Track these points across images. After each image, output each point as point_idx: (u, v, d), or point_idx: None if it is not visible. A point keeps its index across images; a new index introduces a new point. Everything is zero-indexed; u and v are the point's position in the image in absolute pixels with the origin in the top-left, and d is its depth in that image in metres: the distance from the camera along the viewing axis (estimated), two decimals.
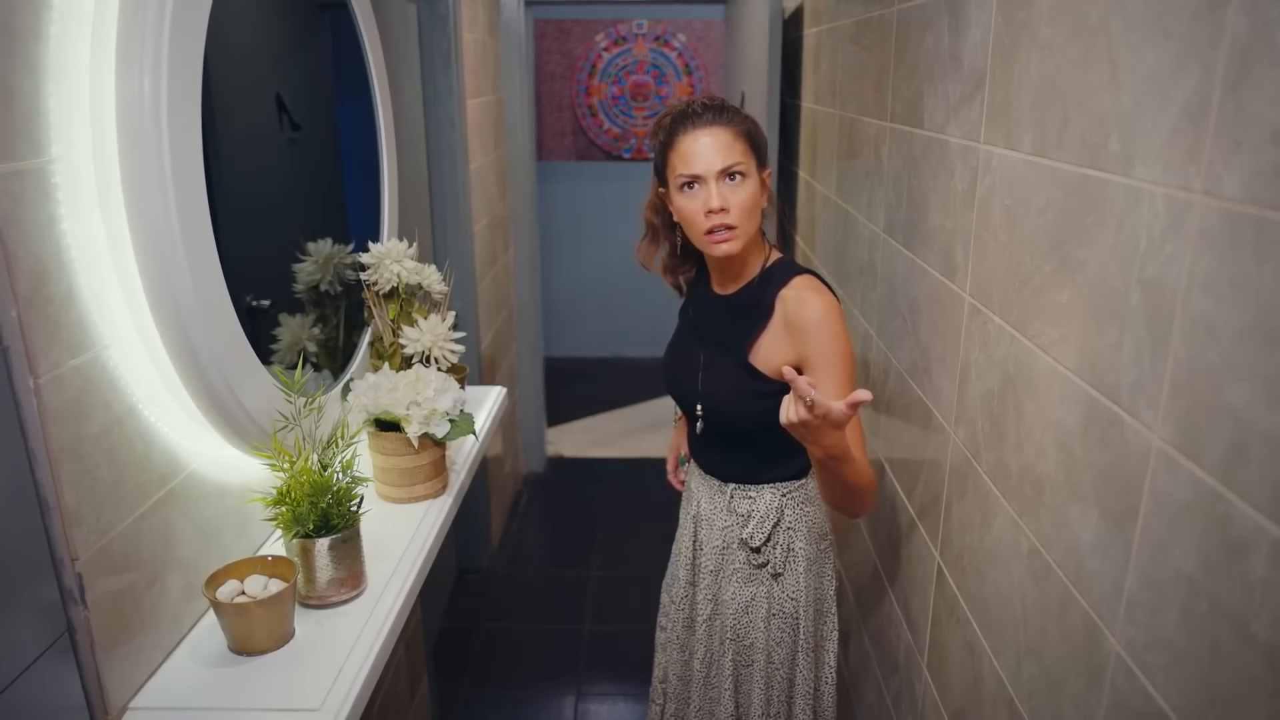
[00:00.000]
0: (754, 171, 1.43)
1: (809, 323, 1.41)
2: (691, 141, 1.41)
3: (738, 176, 1.40)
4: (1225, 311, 0.65)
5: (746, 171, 1.41)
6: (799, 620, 1.58)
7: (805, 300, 1.43)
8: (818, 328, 1.40)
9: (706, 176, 1.39)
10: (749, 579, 1.58)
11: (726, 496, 1.60)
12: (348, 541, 1.08)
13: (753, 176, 1.42)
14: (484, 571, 3.32)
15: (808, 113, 2.54)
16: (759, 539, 1.55)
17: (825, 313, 1.41)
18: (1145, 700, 0.76)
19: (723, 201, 1.39)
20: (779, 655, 1.59)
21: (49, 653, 0.82)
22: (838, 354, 1.40)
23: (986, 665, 1.14)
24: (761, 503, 1.56)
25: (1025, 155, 1.01)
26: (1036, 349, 0.98)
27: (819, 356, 1.40)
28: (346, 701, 0.93)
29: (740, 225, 1.41)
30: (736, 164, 1.40)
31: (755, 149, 1.44)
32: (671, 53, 5.17)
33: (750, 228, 1.44)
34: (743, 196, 1.40)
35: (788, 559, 1.57)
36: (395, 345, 1.42)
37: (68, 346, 0.84)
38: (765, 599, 1.58)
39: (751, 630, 1.59)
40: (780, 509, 1.56)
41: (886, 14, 1.64)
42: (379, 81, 1.53)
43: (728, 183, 1.40)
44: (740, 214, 1.40)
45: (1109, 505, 0.83)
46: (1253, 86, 0.62)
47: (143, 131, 0.87)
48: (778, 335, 1.46)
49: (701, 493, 1.65)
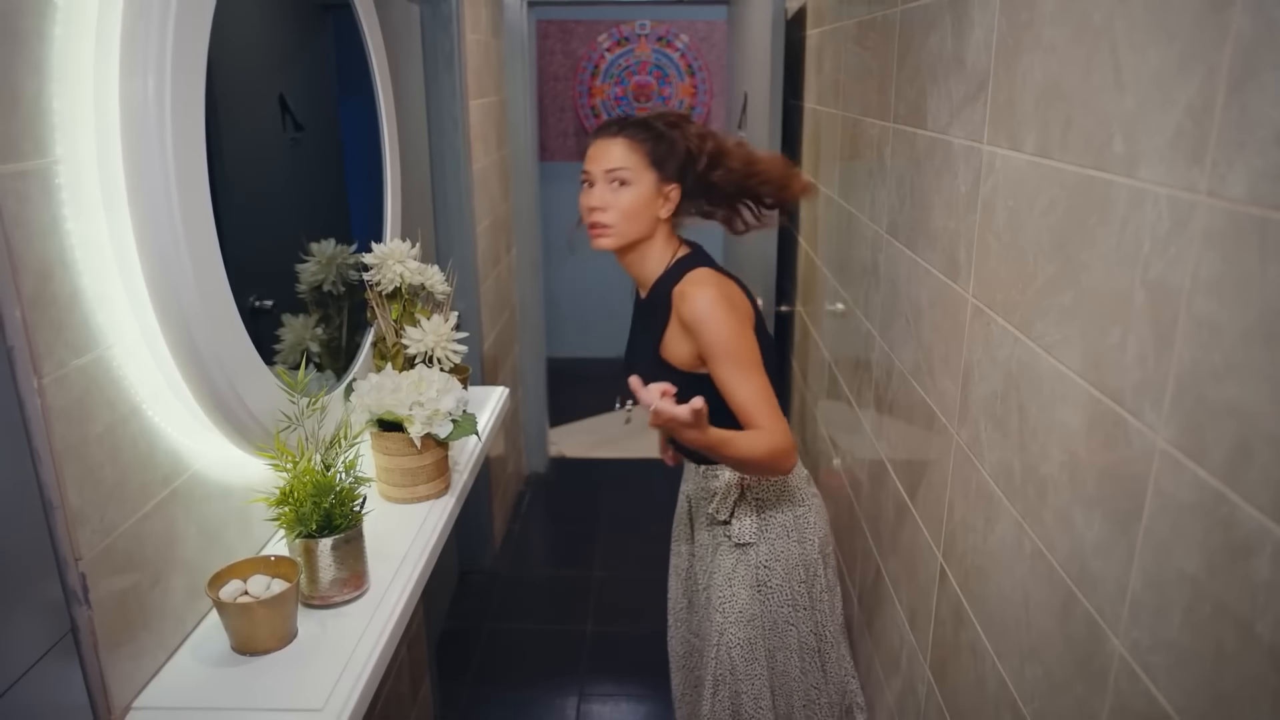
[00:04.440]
0: (644, 181, 1.57)
1: (692, 319, 1.53)
2: (593, 146, 1.60)
3: (619, 183, 1.56)
4: (1229, 312, 0.65)
5: (630, 179, 1.56)
6: (787, 584, 1.67)
7: (687, 295, 1.54)
8: (702, 322, 1.52)
9: (594, 175, 1.58)
10: (729, 550, 1.70)
11: (701, 476, 1.75)
12: (350, 542, 1.08)
13: (639, 185, 1.56)
14: (486, 572, 3.32)
15: (810, 113, 2.54)
16: (724, 514, 1.67)
17: (705, 307, 1.51)
18: (1148, 702, 0.75)
19: (601, 201, 1.56)
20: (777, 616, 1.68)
21: (52, 652, 0.82)
22: (724, 340, 1.51)
23: (989, 667, 1.13)
24: (721, 480, 1.68)
25: (1028, 156, 1.01)
26: (1040, 350, 0.98)
27: (709, 347, 1.52)
28: (349, 702, 0.93)
29: (615, 225, 1.57)
30: (619, 169, 1.56)
31: (656, 163, 1.58)
32: (674, 53, 5.17)
33: (628, 230, 1.58)
34: (623, 200, 1.56)
35: (762, 529, 1.67)
36: (398, 346, 1.43)
37: (72, 347, 0.84)
38: (749, 569, 1.67)
39: (737, 601, 1.67)
40: (739, 483, 1.67)
41: (889, 15, 1.64)
42: (382, 82, 1.53)
43: (613, 186, 1.56)
44: (617, 215, 1.56)
45: (1112, 506, 0.82)
46: (1257, 87, 0.62)
47: (146, 132, 0.87)
48: (676, 331, 1.58)
49: (690, 474, 1.82)
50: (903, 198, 1.56)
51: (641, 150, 1.57)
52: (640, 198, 1.57)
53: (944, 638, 1.33)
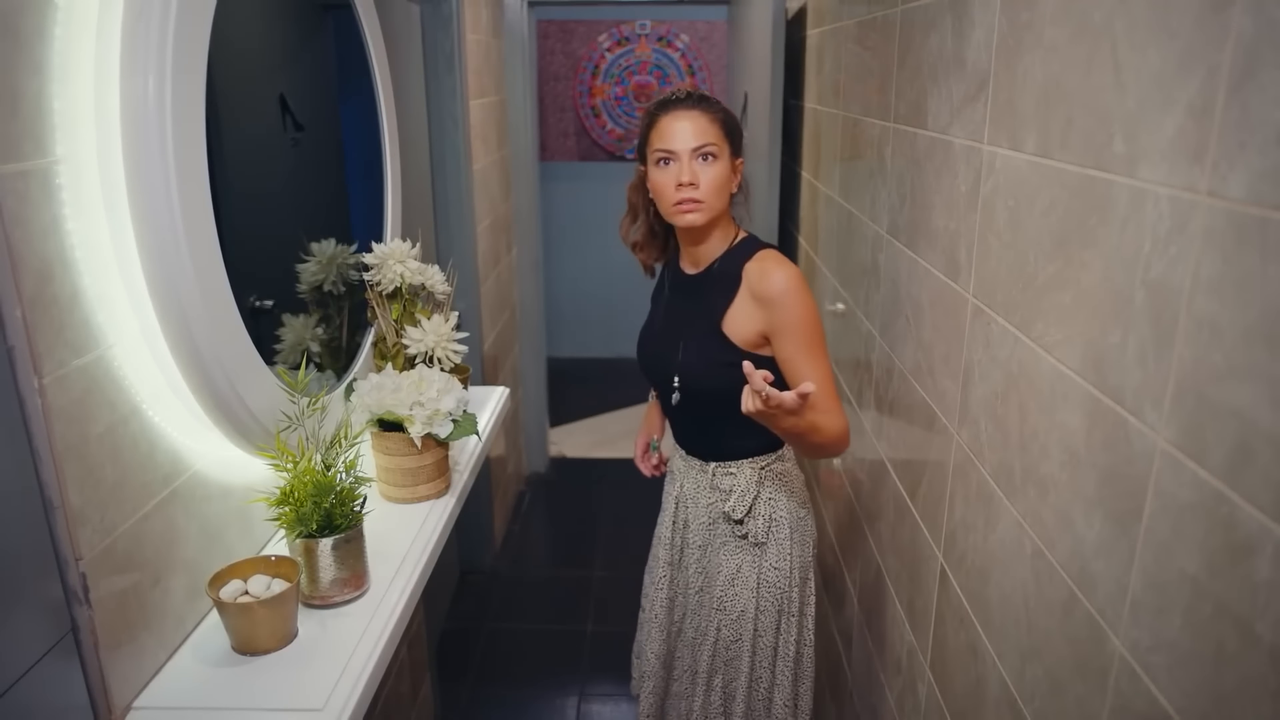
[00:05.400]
0: (725, 155, 1.55)
1: (773, 293, 1.51)
2: (671, 121, 1.54)
3: (709, 157, 1.53)
4: (1230, 312, 0.65)
5: (718, 154, 1.54)
6: (785, 588, 1.67)
7: (768, 271, 1.53)
8: (782, 296, 1.51)
9: (680, 153, 1.52)
10: (736, 550, 1.68)
11: (709, 475, 1.70)
12: (351, 542, 1.08)
13: (723, 159, 1.55)
14: (487, 572, 3.32)
15: (810, 113, 2.54)
16: (740, 512, 1.65)
17: (788, 282, 1.51)
18: (1149, 702, 0.75)
19: (693, 176, 1.52)
20: (764, 622, 1.68)
21: (53, 652, 0.82)
22: (803, 320, 1.51)
23: (990, 667, 1.13)
24: (741, 478, 1.66)
25: (1029, 156, 1.01)
26: (1040, 350, 0.98)
27: (785, 325, 1.51)
28: (349, 702, 0.93)
29: (706, 200, 1.53)
30: (709, 144, 1.53)
31: (729, 136, 1.57)
32: (674, 53, 5.17)
33: (716, 205, 1.56)
34: (712, 175, 1.53)
35: (770, 529, 1.66)
36: (398, 346, 1.43)
37: (72, 347, 0.84)
38: (753, 569, 1.66)
39: (739, 600, 1.67)
40: (759, 482, 1.66)
41: (890, 15, 1.64)
42: (382, 82, 1.53)
43: (700, 161, 1.53)
44: (708, 190, 1.53)
45: (1113, 506, 0.82)
46: (1257, 87, 0.62)
47: (147, 132, 0.87)
48: (746, 306, 1.56)
49: (685, 475, 1.76)
50: (903, 198, 1.56)
51: (719, 123, 1.56)
52: (725, 171, 1.56)
53: (944, 637, 1.33)
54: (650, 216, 1.71)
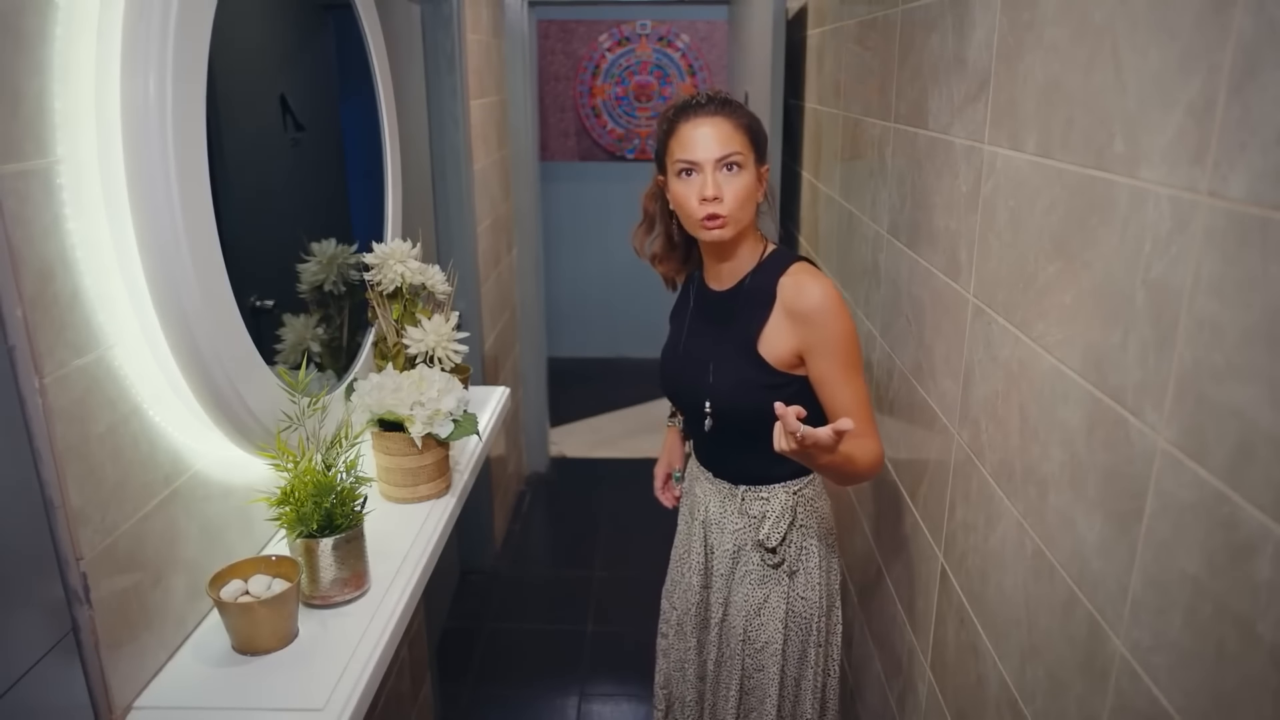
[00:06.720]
0: (751, 164, 1.44)
1: (809, 309, 1.42)
2: (692, 129, 1.43)
3: (735, 167, 1.42)
4: (1230, 312, 0.65)
5: (743, 163, 1.43)
6: (814, 617, 1.58)
7: (804, 285, 1.44)
8: (819, 313, 1.42)
9: (704, 164, 1.41)
10: (763, 580, 1.58)
11: (738, 499, 1.59)
12: (351, 541, 1.08)
13: (749, 169, 1.44)
14: (487, 571, 3.32)
15: (811, 113, 2.54)
16: (775, 539, 1.54)
17: (825, 298, 1.42)
18: (1150, 702, 0.75)
19: (717, 190, 1.41)
20: (791, 650, 1.59)
21: (53, 652, 0.82)
22: (840, 338, 1.42)
23: (990, 667, 1.13)
24: (775, 503, 1.56)
25: (1030, 156, 1.01)
26: (1041, 350, 0.98)
27: (822, 342, 1.42)
28: (350, 701, 0.93)
29: (732, 214, 1.42)
30: (734, 154, 1.41)
31: (755, 143, 1.46)
32: (675, 53, 5.16)
33: (743, 217, 1.45)
34: (737, 187, 1.42)
35: (801, 556, 1.57)
36: (399, 345, 1.43)
37: (73, 346, 0.84)
38: (782, 599, 1.57)
39: (765, 631, 1.59)
40: (794, 508, 1.56)
41: (890, 15, 1.64)
42: (383, 82, 1.53)
43: (725, 172, 1.42)
44: (734, 203, 1.42)
45: (1113, 506, 0.82)
46: (1258, 88, 0.62)
47: (148, 132, 0.87)
48: (780, 324, 1.46)
49: (710, 497, 1.63)
50: (904, 198, 1.56)
51: (744, 129, 1.44)
52: (750, 182, 1.44)
53: (945, 637, 1.33)
54: (669, 227, 1.60)
